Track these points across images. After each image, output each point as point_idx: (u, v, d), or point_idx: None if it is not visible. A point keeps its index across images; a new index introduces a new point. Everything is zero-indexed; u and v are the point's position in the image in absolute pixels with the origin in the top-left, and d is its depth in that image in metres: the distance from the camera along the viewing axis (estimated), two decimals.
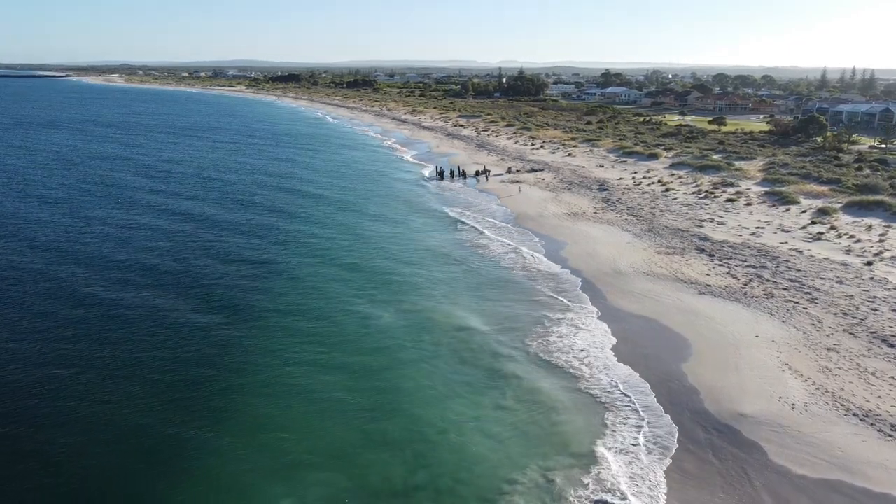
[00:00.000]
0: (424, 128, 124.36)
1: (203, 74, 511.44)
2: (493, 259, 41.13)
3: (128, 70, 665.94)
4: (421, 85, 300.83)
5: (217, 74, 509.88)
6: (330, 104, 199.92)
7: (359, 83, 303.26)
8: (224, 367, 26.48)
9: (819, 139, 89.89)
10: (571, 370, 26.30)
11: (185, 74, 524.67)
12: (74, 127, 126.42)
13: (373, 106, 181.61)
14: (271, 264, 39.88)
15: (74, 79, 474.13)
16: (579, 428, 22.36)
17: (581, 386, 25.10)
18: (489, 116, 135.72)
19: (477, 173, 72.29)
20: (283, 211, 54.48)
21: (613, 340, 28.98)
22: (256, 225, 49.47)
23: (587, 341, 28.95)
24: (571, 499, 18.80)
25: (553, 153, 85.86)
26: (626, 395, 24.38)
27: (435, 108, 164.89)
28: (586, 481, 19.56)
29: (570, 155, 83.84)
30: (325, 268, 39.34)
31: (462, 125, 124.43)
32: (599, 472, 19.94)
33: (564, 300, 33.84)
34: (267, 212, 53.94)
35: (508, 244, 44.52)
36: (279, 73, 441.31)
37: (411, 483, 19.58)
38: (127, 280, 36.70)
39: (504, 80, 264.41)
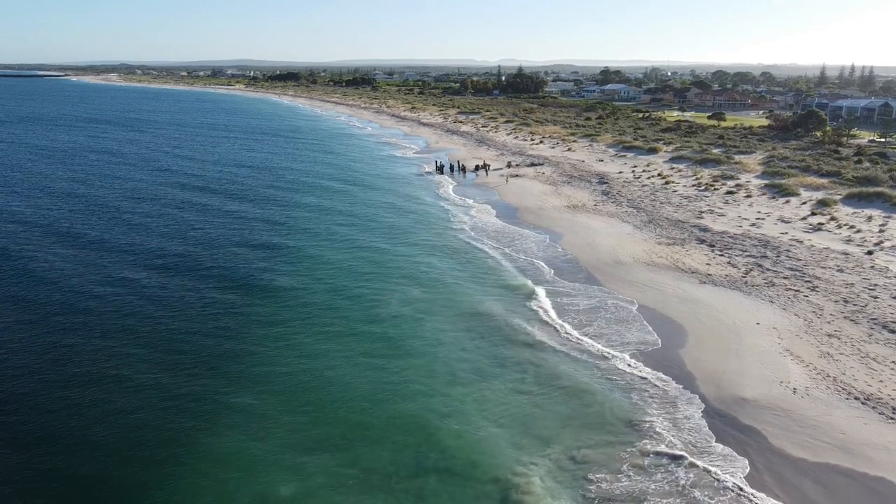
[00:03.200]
0: (423, 124, 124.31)
1: (202, 74, 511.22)
2: (491, 249, 41.08)
3: (126, 70, 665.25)
4: (420, 83, 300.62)
5: (216, 73, 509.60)
6: (328, 102, 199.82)
7: (358, 82, 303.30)
8: (226, 351, 26.42)
9: (818, 134, 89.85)
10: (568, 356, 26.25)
11: (184, 74, 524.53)
12: (88, 125, 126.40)
13: (371, 103, 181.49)
14: (277, 248, 39.81)
15: (74, 79, 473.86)
16: (565, 414, 22.29)
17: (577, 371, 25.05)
18: (488, 113, 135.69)
19: (476, 168, 72.24)
20: (283, 202, 54.38)
21: None
22: (249, 213, 49.41)
23: None
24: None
25: (552, 148, 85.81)
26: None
27: (434, 105, 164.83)
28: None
29: (569, 150, 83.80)
30: (323, 253, 39.30)
31: (461, 122, 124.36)
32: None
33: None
34: (269, 202, 53.85)
35: (508, 240, 44.47)
36: (278, 72, 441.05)
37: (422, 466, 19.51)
38: (163, 265, 36.65)
39: (503, 77, 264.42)
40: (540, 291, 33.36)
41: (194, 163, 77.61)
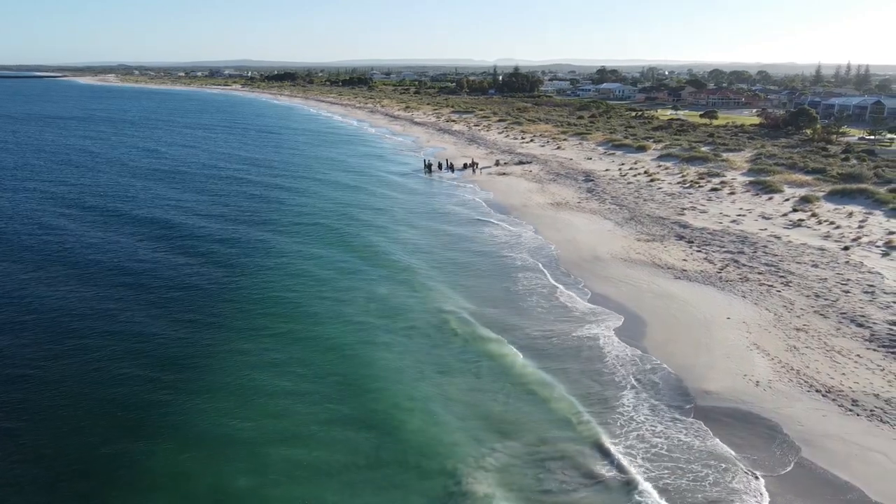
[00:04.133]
0: (416, 123, 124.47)
1: (200, 74, 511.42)
2: (472, 243, 41.21)
3: (124, 70, 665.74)
4: (416, 83, 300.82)
5: (214, 74, 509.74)
6: (323, 101, 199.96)
7: (354, 81, 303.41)
8: (193, 342, 26.53)
9: (808, 131, 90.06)
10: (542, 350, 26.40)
11: (182, 74, 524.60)
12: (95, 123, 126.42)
13: (366, 103, 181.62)
14: (256, 242, 39.91)
15: (74, 80, 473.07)
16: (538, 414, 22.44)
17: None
18: (482, 112, 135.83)
19: (465, 166, 72.39)
20: (267, 199, 54.48)
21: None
22: (244, 208, 49.49)
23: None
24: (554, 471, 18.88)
25: (542, 147, 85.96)
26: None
27: (428, 104, 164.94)
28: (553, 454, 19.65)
29: (559, 148, 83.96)
30: (306, 247, 39.39)
31: (454, 121, 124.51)
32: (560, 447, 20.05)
33: (546, 288, 33.93)
34: (256, 199, 53.94)
35: (490, 232, 44.62)
36: (276, 73, 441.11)
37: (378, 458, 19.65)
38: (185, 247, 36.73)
39: (500, 77, 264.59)
40: None
41: (155, 156, 77.69)
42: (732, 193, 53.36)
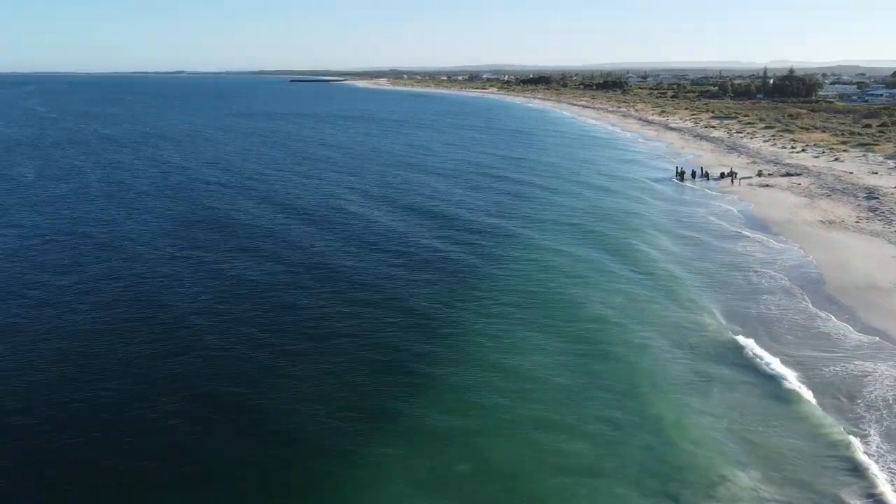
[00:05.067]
0: (671, 129, 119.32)
1: (460, 78, 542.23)
2: (726, 255, 38.80)
3: (394, 74, 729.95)
4: (674, 86, 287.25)
5: (472, 77, 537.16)
6: (575, 105, 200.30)
7: (608, 85, 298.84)
8: (447, 323, 28.77)
9: None
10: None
11: (444, 78, 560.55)
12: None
13: (619, 107, 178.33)
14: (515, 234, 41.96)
15: (353, 84, 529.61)
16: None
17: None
18: (746, 118, 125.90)
19: (722, 175, 67.95)
20: (530, 198, 56.52)
21: None
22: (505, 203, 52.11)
23: None
24: None
25: (816, 157, 77.23)
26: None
27: (686, 109, 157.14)
28: None
29: (836, 160, 74.76)
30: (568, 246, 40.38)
31: (714, 126, 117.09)
32: None
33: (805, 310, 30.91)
34: (513, 195, 56.43)
35: (745, 247, 41.59)
36: (531, 76, 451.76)
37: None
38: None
39: (772, 80, 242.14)
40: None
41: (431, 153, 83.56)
42: None
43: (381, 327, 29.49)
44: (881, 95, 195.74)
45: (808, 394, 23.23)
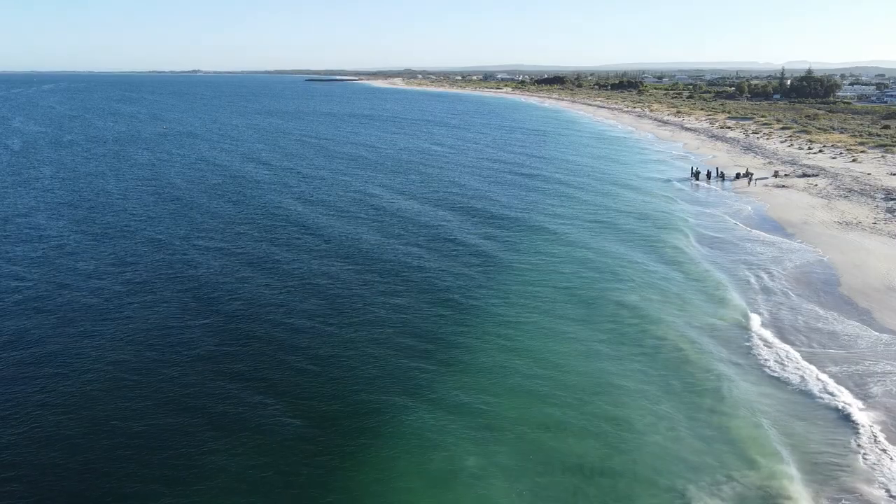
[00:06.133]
0: (686, 129, 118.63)
1: (474, 78, 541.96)
2: (739, 254, 38.58)
3: (409, 74, 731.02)
4: (690, 87, 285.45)
5: (487, 77, 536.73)
6: (591, 105, 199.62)
7: (623, 85, 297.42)
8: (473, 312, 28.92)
9: None
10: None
11: (459, 78, 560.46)
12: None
13: (634, 107, 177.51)
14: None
15: (367, 83, 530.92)
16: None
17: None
18: (762, 119, 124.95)
19: (737, 176, 67.52)
20: (549, 195, 56.55)
21: None
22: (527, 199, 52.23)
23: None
24: None
25: (833, 158, 76.52)
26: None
27: (702, 109, 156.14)
28: None
29: (854, 161, 74.04)
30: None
31: (730, 127, 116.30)
32: None
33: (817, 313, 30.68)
34: (533, 190, 56.48)
35: (755, 248, 41.33)
36: (545, 76, 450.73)
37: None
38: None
39: (789, 81, 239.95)
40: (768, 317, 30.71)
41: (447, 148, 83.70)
42: None
43: (427, 316, 30.10)
44: None
45: (823, 390, 23.18)
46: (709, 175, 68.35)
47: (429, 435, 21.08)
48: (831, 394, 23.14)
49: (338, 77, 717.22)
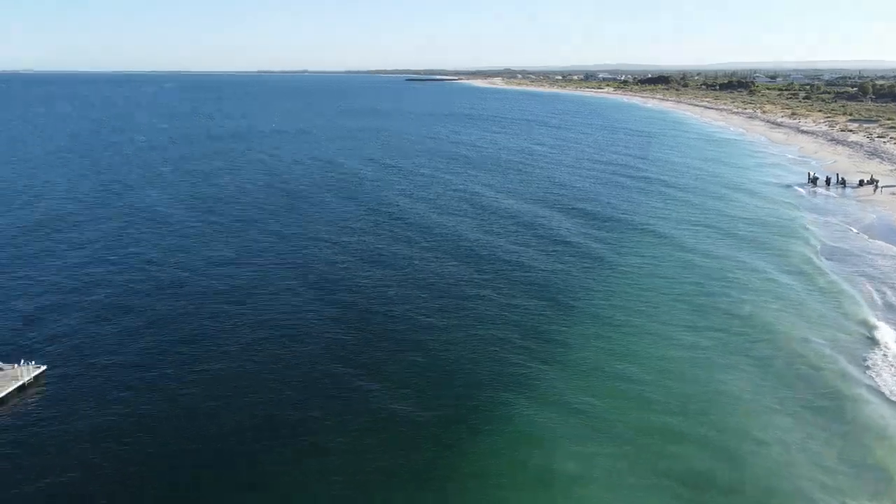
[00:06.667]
0: (802, 132, 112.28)
1: (575, 77, 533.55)
2: (860, 269, 36.41)
3: (508, 74, 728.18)
4: (807, 87, 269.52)
5: (588, 77, 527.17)
6: (696, 106, 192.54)
7: (732, 85, 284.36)
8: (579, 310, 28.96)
9: None
10: None
11: (559, 78, 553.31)
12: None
13: (744, 108, 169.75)
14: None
15: (467, 83, 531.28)
16: None
17: None
18: (889, 122, 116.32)
19: (861, 183, 63.43)
20: (660, 196, 55.45)
21: None
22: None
23: None
24: None
25: None
26: None
27: (819, 111, 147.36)
28: None
29: None
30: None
31: (851, 130, 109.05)
32: None
33: None
34: (641, 192, 55.64)
35: (888, 263, 38.82)
36: (649, 76, 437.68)
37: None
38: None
39: None
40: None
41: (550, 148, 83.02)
42: None
43: (530, 315, 30.74)
44: None
45: None
46: (828, 181, 64.59)
47: (528, 431, 21.36)
48: None
49: (437, 77, 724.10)
